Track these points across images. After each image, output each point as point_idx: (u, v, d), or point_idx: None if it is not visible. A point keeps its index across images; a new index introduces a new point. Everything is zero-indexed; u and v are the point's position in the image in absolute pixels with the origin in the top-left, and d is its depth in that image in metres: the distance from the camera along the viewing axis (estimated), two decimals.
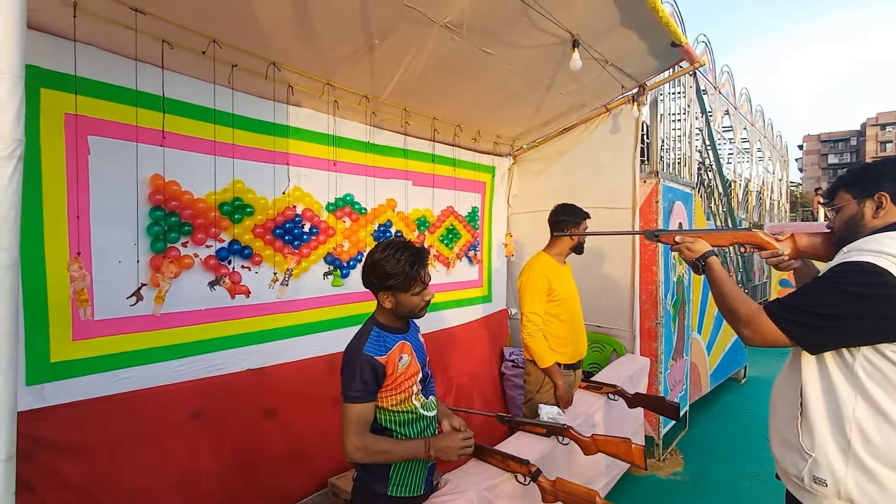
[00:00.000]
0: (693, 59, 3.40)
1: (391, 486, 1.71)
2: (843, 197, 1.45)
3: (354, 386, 1.61)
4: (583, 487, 1.87)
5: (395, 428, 1.71)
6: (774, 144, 13.37)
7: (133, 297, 2.13)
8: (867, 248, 1.29)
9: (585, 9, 2.53)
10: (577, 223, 2.82)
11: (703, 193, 6.08)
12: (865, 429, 1.24)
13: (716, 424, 4.65)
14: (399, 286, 1.65)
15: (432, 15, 2.32)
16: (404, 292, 1.67)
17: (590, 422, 2.74)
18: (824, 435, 1.30)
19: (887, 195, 1.36)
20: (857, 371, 1.26)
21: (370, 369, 1.62)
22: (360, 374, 1.61)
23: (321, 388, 2.84)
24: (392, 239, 1.74)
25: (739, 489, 3.49)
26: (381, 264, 1.64)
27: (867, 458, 1.24)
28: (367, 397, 1.63)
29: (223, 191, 2.44)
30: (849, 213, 1.43)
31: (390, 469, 1.70)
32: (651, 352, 3.80)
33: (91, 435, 2.04)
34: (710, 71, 8.42)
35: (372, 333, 1.70)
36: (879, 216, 1.37)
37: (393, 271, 1.63)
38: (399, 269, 1.63)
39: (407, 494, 1.73)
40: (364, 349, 1.65)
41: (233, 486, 2.47)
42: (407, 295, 1.68)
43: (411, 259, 1.65)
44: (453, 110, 3.47)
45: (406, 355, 1.73)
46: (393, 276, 1.63)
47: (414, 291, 1.68)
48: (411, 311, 1.73)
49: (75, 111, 1.94)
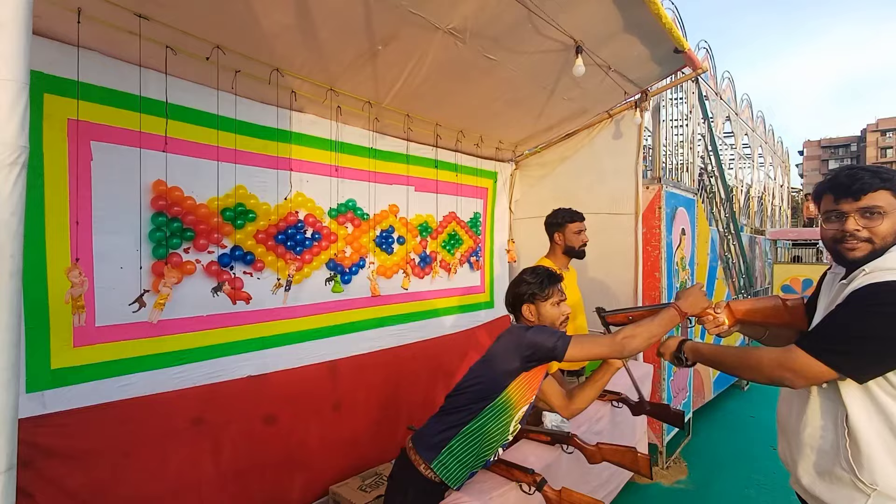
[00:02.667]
0: (696, 65, 3.40)
1: (437, 462, 1.75)
2: (890, 201, 1.30)
3: (553, 333, 1.76)
4: (589, 498, 1.85)
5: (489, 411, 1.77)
6: (775, 150, 13.38)
7: (136, 304, 2.12)
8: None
9: (589, 15, 2.53)
10: (560, 226, 2.81)
11: (706, 199, 6.07)
12: None
13: (719, 432, 4.62)
14: (539, 292, 1.91)
15: (436, 21, 2.32)
16: (544, 301, 1.91)
17: (594, 429, 2.71)
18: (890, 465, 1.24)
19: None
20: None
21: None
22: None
23: (322, 395, 2.83)
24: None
25: (744, 498, 3.45)
26: (524, 277, 1.97)
27: None
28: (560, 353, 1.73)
29: (225, 196, 2.43)
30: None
31: (445, 446, 1.76)
32: (654, 359, 3.77)
33: (91, 442, 2.02)
34: (711, 77, 8.44)
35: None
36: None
37: (533, 280, 1.94)
38: (538, 278, 1.94)
39: (442, 476, 1.76)
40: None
41: (233, 493, 2.45)
42: (546, 305, 1.92)
43: (548, 273, 1.98)
44: (456, 116, 3.47)
45: (540, 376, 1.88)
46: (533, 283, 1.93)
47: (552, 301, 1.92)
48: (552, 323, 1.92)
49: (78, 117, 1.93)
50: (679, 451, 4.04)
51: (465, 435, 1.78)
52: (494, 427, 1.79)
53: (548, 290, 1.92)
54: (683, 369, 4.10)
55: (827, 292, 1.47)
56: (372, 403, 3.11)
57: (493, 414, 1.78)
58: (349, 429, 2.95)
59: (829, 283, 1.48)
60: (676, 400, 3.91)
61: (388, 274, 3.34)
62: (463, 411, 1.79)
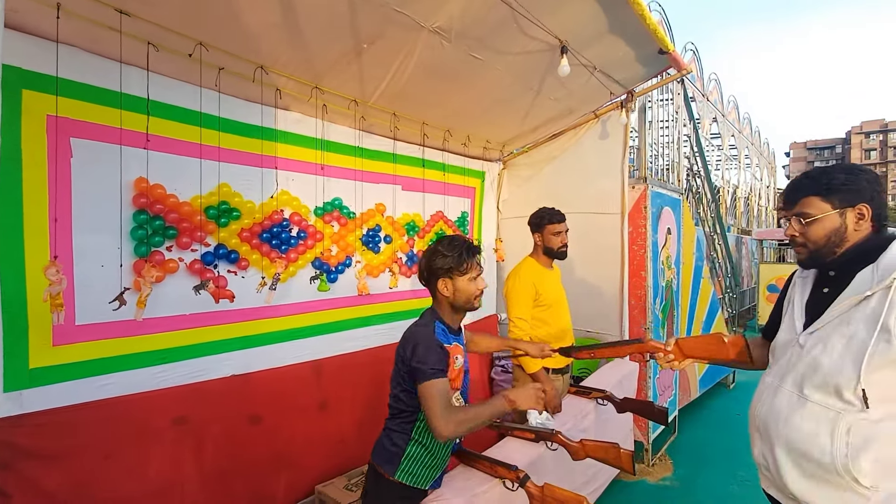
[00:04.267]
0: (680, 66, 3.43)
1: (399, 471, 1.74)
2: (818, 206, 1.36)
3: (433, 363, 1.64)
4: (571, 493, 1.85)
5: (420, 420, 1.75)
6: (762, 151, 13.54)
7: (116, 302, 2.10)
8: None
9: (573, 15, 2.54)
10: (539, 227, 2.83)
11: (692, 199, 6.14)
12: None
13: (705, 429, 4.66)
14: (456, 266, 1.75)
15: (421, 20, 2.32)
16: (461, 276, 1.76)
17: (579, 427, 2.72)
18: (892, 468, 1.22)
19: (869, 208, 1.31)
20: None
21: (443, 352, 1.69)
22: (435, 352, 1.67)
23: (307, 395, 2.81)
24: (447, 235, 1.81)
25: (729, 494, 3.49)
26: (439, 249, 1.78)
27: None
28: (444, 374, 1.66)
29: (209, 194, 2.42)
30: (831, 226, 1.34)
31: (402, 455, 1.74)
32: (639, 356, 3.80)
33: (70, 442, 1.99)
34: (698, 79, 8.53)
35: (438, 325, 1.78)
36: (860, 228, 1.32)
37: (450, 253, 1.75)
38: (455, 251, 1.76)
39: (412, 483, 1.76)
40: (436, 334, 1.73)
41: (217, 494, 2.43)
42: (464, 279, 1.77)
43: (466, 244, 1.79)
44: (443, 115, 3.47)
45: (460, 356, 1.81)
46: (449, 257, 1.74)
47: (470, 276, 1.78)
48: (468, 299, 1.80)
49: (57, 113, 1.91)
50: (665, 448, 4.08)
51: (416, 441, 1.76)
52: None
53: (465, 264, 1.76)
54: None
55: (801, 294, 1.46)
56: (358, 403, 3.09)
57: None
58: (335, 428, 2.94)
59: (801, 287, 1.48)
60: (662, 398, 3.94)
61: (375, 273, 3.33)
62: (399, 417, 1.77)
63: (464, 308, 1.83)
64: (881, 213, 1.34)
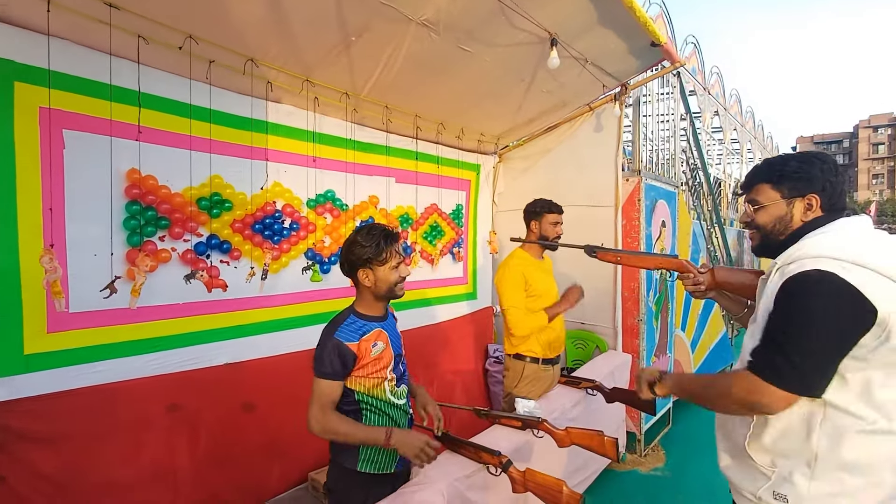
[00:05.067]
0: (673, 58, 3.43)
1: (361, 461, 1.78)
2: (767, 194, 1.37)
3: (322, 365, 1.70)
4: (551, 478, 1.89)
5: (364, 410, 1.78)
6: (765, 146, 13.46)
7: (107, 290, 2.14)
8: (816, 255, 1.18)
9: (562, 7, 2.56)
10: (538, 215, 2.85)
11: (689, 193, 6.14)
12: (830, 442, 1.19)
13: (699, 421, 4.68)
14: (374, 256, 1.73)
15: (408, 13, 2.34)
16: (381, 265, 1.76)
17: (567, 416, 2.76)
18: (789, 450, 1.25)
19: (818, 198, 1.31)
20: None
21: (339, 353, 1.70)
22: (329, 356, 1.69)
23: (299, 383, 2.81)
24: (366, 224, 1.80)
25: (718, 484, 3.48)
26: (357, 239, 1.76)
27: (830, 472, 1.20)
28: (334, 377, 1.71)
29: (201, 186, 2.45)
30: (777, 214, 1.36)
31: (359, 446, 1.76)
32: (633, 348, 3.83)
33: (64, 427, 2.05)
34: (699, 72, 8.48)
35: (347, 320, 1.78)
36: (808, 218, 1.32)
37: (367, 243, 1.73)
38: (373, 241, 1.74)
39: (376, 471, 1.79)
40: (336, 334, 1.73)
41: (210, 480, 2.48)
42: (384, 269, 1.76)
43: (384, 233, 1.77)
44: (435, 108, 3.49)
45: (381, 343, 1.80)
46: (367, 247, 1.73)
47: (391, 265, 1.77)
48: (390, 288, 1.80)
49: (49, 105, 1.95)
50: (658, 439, 4.11)
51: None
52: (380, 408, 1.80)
53: (385, 253, 1.74)
54: (662, 358, 4.16)
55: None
56: None
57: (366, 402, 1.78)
58: None
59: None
60: None
61: None
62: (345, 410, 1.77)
63: (386, 297, 1.83)
64: (834, 202, 1.32)
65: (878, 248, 1.17)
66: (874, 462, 1.18)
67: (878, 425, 1.17)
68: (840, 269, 1.13)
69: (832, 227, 1.26)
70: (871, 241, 1.21)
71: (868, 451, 1.18)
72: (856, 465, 1.18)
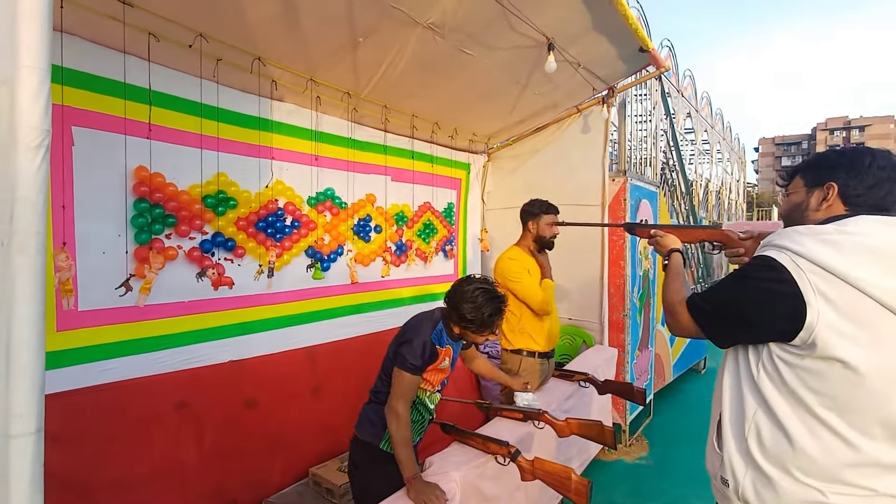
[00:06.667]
0: (659, 63, 3.58)
1: (384, 441, 1.94)
2: (796, 183, 1.35)
3: (416, 358, 1.83)
4: (559, 465, 1.98)
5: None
6: (733, 147, 13.96)
7: (122, 288, 2.14)
8: (775, 243, 1.21)
9: (560, 13, 2.65)
10: (536, 215, 2.93)
11: (667, 192, 6.35)
12: (762, 431, 1.21)
13: (678, 412, 4.89)
14: (476, 329, 1.89)
15: (416, 16, 2.40)
16: (475, 333, 1.93)
17: (562, 408, 2.87)
18: (729, 436, 1.29)
19: (836, 186, 1.23)
20: (760, 372, 1.21)
21: (431, 352, 1.87)
22: (423, 352, 1.84)
23: (302, 380, 2.89)
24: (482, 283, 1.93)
25: (700, 472, 3.65)
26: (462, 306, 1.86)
27: (762, 461, 1.21)
28: (420, 372, 1.86)
29: (207, 183, 2.46)
30: (795, 201, 1.33)
31: (385, 429, 1.89)
32: (619, 343, 3.98)
33: (73, 425, 2.03)
34: (673, 74, 8.75)
35: (438, 326, 1.95)
36: (823, 208, 1.25)
37: (472, 318, 1.86)
38: (478, 317, 1.85)
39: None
40: (432, 335, 1.90)
41: (215, 476, 2.49)
42: (476, 336, 1.95)
43: (490, 311, 1.86)
44: (432, 108, 3.56)
45: (448, 359, 2.02)
46: (472, 322, 1.86)
47: (484, 335, 1.93)
48: (472, 342, 2.05)
49: (61, 102, 1.93)
50: (641, 430, 4.28)
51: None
52: (415, 405, 1.97)
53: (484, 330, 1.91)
54: (645, 353, 4.34)
55: None
56: (350, 388, 3.17)
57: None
58: (328, 413, 3.02)
59: None
60: (639, 381, 4.13)
61: (366, 262, 3.41)
62: (385, 394, 1.92)
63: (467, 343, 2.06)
64: (855, 194, 1.22)
65: (861, 255, 1.09)
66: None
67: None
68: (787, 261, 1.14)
69: (840, 223, 1.16)
70: (860, 247, 1.10)
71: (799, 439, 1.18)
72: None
